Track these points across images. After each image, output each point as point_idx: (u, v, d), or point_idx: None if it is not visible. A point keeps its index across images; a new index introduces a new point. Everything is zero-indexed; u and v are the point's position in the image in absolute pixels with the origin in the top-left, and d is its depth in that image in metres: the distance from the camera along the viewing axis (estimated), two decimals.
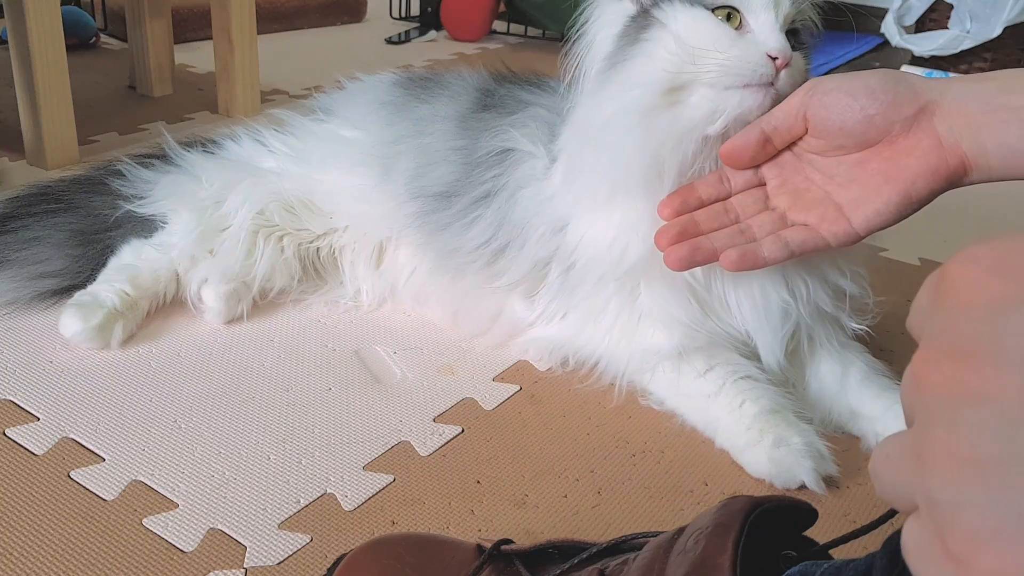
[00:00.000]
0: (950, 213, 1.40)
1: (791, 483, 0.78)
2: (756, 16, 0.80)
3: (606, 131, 0.83)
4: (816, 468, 0.78)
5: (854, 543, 0.73)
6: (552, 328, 0.94)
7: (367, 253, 1.05)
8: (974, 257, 0.27)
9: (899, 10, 2.29)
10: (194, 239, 1.00)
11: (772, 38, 0.79)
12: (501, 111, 0.99)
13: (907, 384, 0.28)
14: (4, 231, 1.01)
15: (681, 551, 0.47)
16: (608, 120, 0.83)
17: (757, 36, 0.79)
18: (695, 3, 0.80)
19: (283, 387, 0.90)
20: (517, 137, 0.94)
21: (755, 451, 0.80)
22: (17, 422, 0.82)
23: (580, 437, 0.85)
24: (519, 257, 0.93)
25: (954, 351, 0.26)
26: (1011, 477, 0.24)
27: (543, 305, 0.94)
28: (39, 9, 1.31)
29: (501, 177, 0.94)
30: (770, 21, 0.79)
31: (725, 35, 0.79)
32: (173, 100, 1.77)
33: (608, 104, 0.83)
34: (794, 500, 0.49)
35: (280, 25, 2.38)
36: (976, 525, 0.25)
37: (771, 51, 0.78)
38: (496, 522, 0.74)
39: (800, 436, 0.79)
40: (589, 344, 0.91)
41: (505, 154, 0.95)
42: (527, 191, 0.93)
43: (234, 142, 1.11)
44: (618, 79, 0.82)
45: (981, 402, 0.25)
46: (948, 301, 0.27)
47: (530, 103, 0.98)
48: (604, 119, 0.83)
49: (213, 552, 0.69)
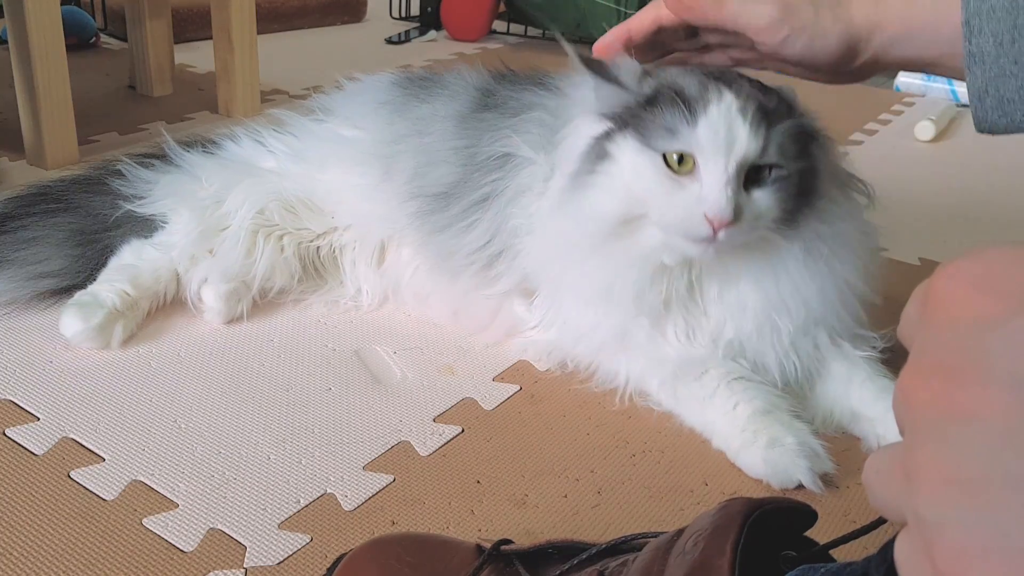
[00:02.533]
0: (950, 213, 1.40)
1: (788, 483, 0.78)
2: (706, 162, 0.76)
3: (569, 253, 0.86)
4: (812, 467, 0.78)
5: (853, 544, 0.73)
6: (550, 333, 0.94)
7: (368, 252, 1.05)
8: (960, 272, 0.27)
9: None
10: (194, 239, 1.00)
11: (713, 195, 0.75)
12: (503, 112, 0.98)
13: (896, 398, 0.28)
14: (4, 231, 1.01)
15: (680, 553, 0.47)
16: (570, 243, 0.85)
17: (702, 189, 0.76)
18: (646, 145, 0.78)
19: (283, 387, 0.90)
20: (518, 142, 0.94)
21: (750, 452, 0.80)
22: (17, 422, 0.82)
23: (580, 437, 0.85)
24: (512, 267, 0.93)
25: (941, 368, 0.26)
26: (997, 497, 0.24)
27: (539, 311, 0.94)
28: (39, 9, 1.31)
29: (500, 182, 0.94)
30: (718, 171, 0.75)
31: (666, 185, 0.77)
32: (173, 100, 1.77)
33: (570, 228, 0.85)
34: (793, 502, 0.49)
35: (280, 25, 2.38)
36: (963, 544, 0.24)
37: (707, 212, 0.75)
38: (496, 522, 0.74)
39: (794, 436, 0.79)
40: (586, 353, 0.91)
41: (505, 158, 0.95)
42: (524, 199, 0.93)
43: (234, 142, 1.11)
44: (578, 204, 0.83)
45: (967, 420, 0.25)
46: (935, 316, 0.27)
47: (533, 105, 0.97)
48: (566, 242, 0.86)
49: (213, 552, 0.69)
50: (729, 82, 0.80)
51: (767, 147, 0.76)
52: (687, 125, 0.76)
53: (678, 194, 0.77)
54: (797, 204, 0.80)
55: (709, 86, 0.78)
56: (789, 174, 0.78)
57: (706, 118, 0.76)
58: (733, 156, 0.76)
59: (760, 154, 0.76)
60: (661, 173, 0.78)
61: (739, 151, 0.76)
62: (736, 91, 0.78)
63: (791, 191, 0.79)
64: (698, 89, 0.79)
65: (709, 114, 0.76)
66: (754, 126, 0.76)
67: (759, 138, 0.76)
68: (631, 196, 0.80)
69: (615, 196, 0.81)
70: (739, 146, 0.76)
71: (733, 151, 0.76)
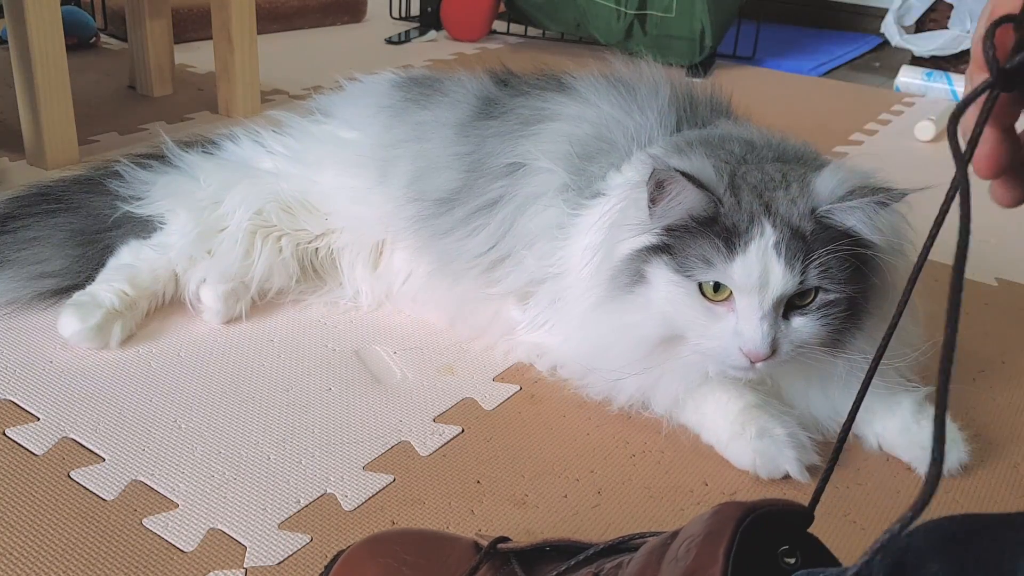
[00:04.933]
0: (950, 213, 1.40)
1: (775, 473, 0.79)
2: (741, 297, 0.74)
3: (608, 357, 0.83)
4: (799, 458, 0.79)
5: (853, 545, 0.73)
6: (538, 335, 0.94)
7: (365, 255, 1.05)
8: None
9: (899, 10, 2.29)
10: (192, 240, 1.00)
11: (748, 330, 0.73)
12: (512, 120, 0.98)
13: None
14: (4, 231, 1.01)
15: (673, 559, 0.46)
16: (609, 349, 0.83)
17: (737, 323, 0.74)
18: (681, 274, 0.75)
19: (283, 387, 0.90)
20: (534, 152, 0.93)
21: (739, 443, 0.80)
22: (17, 422, 0.82)
23: (580, 437, 0.85)
24: (517, 270, 0.93)
25: None
26: None
27: (532, 313, 0.94)
28: (39, 9, 1.31)
29: (510, 188, 0.94)
30: (752, 306, 0.73)
31: (702, 315, 0.75)
32: (173, 100, 1.77)
33: (610, 338, 0.82)
34: (787, 503, 0.48)
35: (280, 25, 2.38)
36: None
37: (743, 347, 0.74)
38: (496, 522, 0.74)
39: (783, 427, 0.80)
40: (575, 356, 0.90)
41: (515, 166, 0.95)
42: (536, 206, 0.92)
43: (233, 143, 1.11)
44: (618, 317, 0.80)
45: None
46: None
47: (551, 115, 0.96)
48: (606, 344, 0.83)
49: (213, 552, 0.69)
50: (775, 207, 0.74)
51: (806, 276, 0.73)
52: (723, 259, 0.73)
53: (714, 325, 0.75)
54: (845, 325, 0.76)
55: (754, 215, 0.73)
56: (835, 299, 0.75)
57: (743, 257, 0.73)
58: (769, 294, 0.73)
59: (798, 285, 0.73)
60: (696, 302, 0.75)
61: (775, 288, 0.73)
62: (778, 219, 0.73)
63: (838, 315, 0.75)
64: (738, 219, 0.74)
65: (749, 252, 0.73)
66: (790, 260, 0.72)
67: (795, 273, 0.72)
68: (668, 321, 0.78)
69: (653, 320, 0.78)
70: (774, 283, 0.72)
71: (768, 288, 0.73)
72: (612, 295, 0.81)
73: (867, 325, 0.78)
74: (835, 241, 0.74)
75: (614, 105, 0.94)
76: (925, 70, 2.14)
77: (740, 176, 0.77)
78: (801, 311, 0.75)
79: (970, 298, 1.13)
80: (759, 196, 0.75)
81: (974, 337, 1.04)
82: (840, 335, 0.77)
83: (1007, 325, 1.09)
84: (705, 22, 2.13)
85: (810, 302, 0.74)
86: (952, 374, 0.32)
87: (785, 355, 0.75)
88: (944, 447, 0.35)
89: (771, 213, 0.74)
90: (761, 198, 0.75)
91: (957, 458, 0.81)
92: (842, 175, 0.76)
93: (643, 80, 0.97)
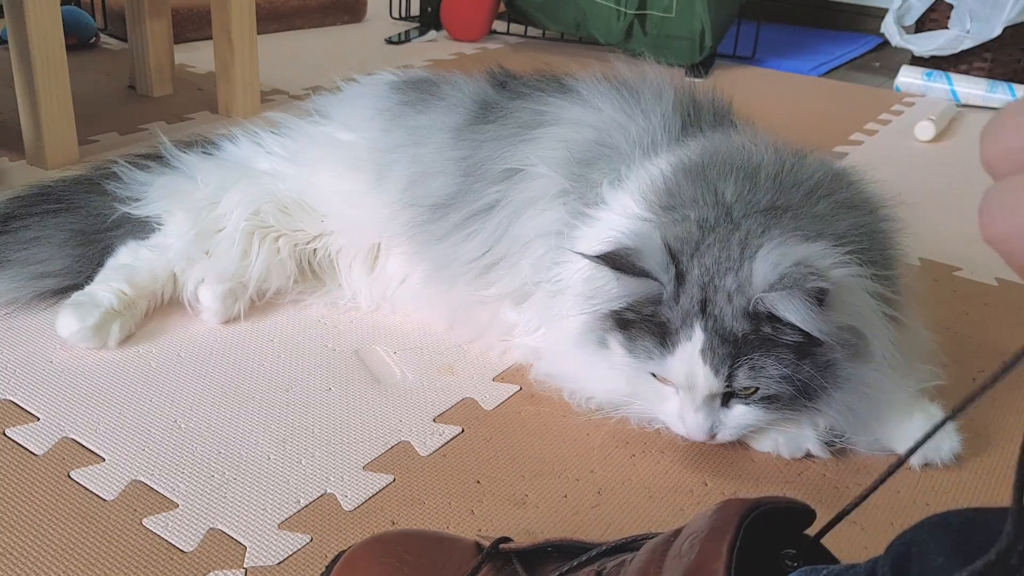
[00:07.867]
0: (950, 213, 1.40)
1: (797, 452, 0.81)
2: (678, 390, 0.77)
3: (588, 380, 0.86)
4: (820, 436, 0.80)
5: (854, 545, 0.73)
6: (533, 338, 0.94)
7: (362, 257, 1.05)
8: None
9: (899, 10, 2.29)
10: (190, 240, 1.00)
11: (687, 418, 0.77)
12: (510, 124, 0.97)
13: None
14: (4, 231, 1.01)
15: (676, 555, 0.46)
16: (593, 373, 0.85)
17: (679, 408, 0.77)
18: (630, 352, 0.77)
19: (283, 387, 0.90)
20: (532, 158, 0.93)
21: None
22: (17, 422, 0.83)
23: (580, 437, 0.85)
24: (511, 273, 0.93)
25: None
26: None
27: (528, 316, 0.93)
28: (39, 9, 1.31)
29: (506, 193, 0.94)
30: (687, 399, 0.76)
31: (652, 390, 0.79)
32: (173, 100, 1.77)
33: (590, 370, 0.84)
34: (790, 501, 0.48)
35: (280, 25, 2.38)
36: None
37: (684, 431, 0.77)
38: (496, 522, 0.74)
39: None
40: (561, 372, 0.90)
41: (512, 171, 0.94)
42: (533, 210, 0.92)
43: (232, 143, 1.11)
44: (593, 360, 0.83)
45: None
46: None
47: (550, 119, 0.96)
48: (588, 375, 0.86)
49: (213, 552, 0.69)
50: (711, 307, 0.73)
51: (733, 380, 0.73)
52: (659, 354, 0.75)
53: (663, 403, 0.79)
54: (814, 388, 0.74)
55: (687, 315, 0.73)
56: (776, 392, 0.74)
57: (673, 357, 0.75)
58: (698, 392, 0.75)
59: (725, 386, 0.74)
60: (647, 380, 0.79)
61: (702, 389, 0.75)
62: (710, 322, 0.72)
63: (788, 398, 0.75)
64: (672, 316, 0.74)
65: (676, 354, 0.74)
66: (716, 366, 0.73)
67: (721, 377, 0.73)
68: (629, 383, 0.81)
69: (618, 378, 0.81)
70: (701, 385, 0.75)
71: (697, 389, 0.75)
72: (586, 343, 0.83)
73: (847, 384, 0.75)
74: (774, 336, 0.72)
75: (617, 108, 0.94)
76: (925, 70, 2.14)
77: (697, 256, 0.74)
78: (742, 400, 0.76)
79: (970, 298, 1.14)
80: (702, 288, 0.73)
81: (973, 337, 1.04)
82: (809, 397, 0.75)
83: (1007, 325, 1.09)
84: (705, 22, 2.13)
85: (751, 393, 0.75)
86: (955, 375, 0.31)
87: (729, 438, 0.78)
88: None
89: (705, 315, 0.73)
90: (704, 291, 0.73)
91: (950, 448, 0.82)
92: (777, 256, 0.72)
93: (646, 83, 0.97)
